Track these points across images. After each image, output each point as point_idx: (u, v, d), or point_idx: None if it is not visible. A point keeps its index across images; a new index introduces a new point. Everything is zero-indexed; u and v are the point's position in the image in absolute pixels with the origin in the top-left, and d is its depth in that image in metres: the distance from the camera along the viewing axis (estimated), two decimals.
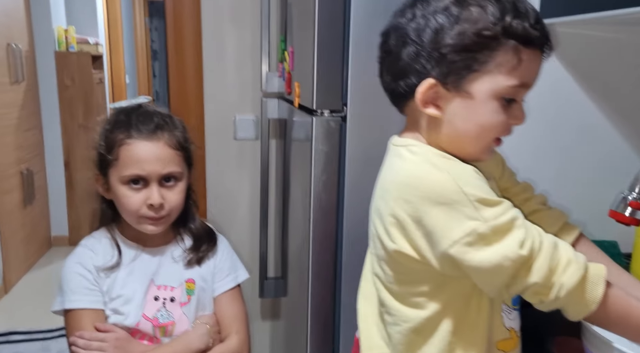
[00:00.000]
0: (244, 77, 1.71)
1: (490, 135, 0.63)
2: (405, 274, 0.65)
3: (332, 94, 1.05)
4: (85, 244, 1.02)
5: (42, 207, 3.48)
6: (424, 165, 0.62)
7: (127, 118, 0.96)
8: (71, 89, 3.50)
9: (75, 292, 0.95)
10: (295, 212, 1.43)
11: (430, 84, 0.62)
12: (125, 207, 0.95)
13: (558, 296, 0.57)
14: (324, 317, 1.14)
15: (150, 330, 0.98)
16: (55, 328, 2.51)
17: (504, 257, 0.56)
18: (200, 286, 1.03)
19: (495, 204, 0.58)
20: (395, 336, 0.68)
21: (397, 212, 0.62)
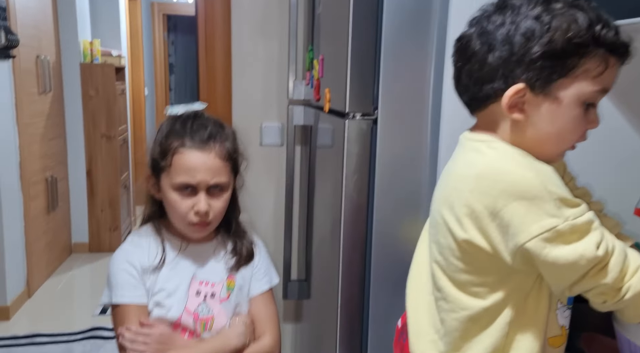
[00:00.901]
0: (271, 86, 1.77)
1: (572, 139, 0.67)
2: (471, 264, 0.67)
3: (363, 97, 1.10)
4: (132, 241, 1.06)
5: (64, 214, 3.55)
6: (506, 161, 0.64)
7: (182, 126, 1.01)
8: (95, 100, 3.60)
9: (122, 288, 0.99)
10: (320, 215, 1.47)
11: (519, 88, 0.64)
12: (175, 212, 1.01)
13: (623, 298, 0.60)
14: (353, 317, 1.17)
15: (191, 324, 1.01)
16: (78, 331, 2.56)
17: (581, 256, 0.59)
18: (239, 284, 1.07)
19: (575, 205, 0.61)
20: (451, 323, 0.70)
21: (472, 203, 0.64)
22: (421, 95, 1.08)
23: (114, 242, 3.73)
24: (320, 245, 1.47)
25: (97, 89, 3.58)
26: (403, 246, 1.13)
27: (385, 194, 1.11)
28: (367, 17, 1.07)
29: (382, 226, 1.12)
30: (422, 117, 1.08)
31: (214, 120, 1.05)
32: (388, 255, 1.13)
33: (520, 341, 0.67)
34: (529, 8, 0.63)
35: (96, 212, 3.72)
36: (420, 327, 0.73)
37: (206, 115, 1.07)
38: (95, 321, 2.67)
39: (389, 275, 1.14)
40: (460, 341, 0.69)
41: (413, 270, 0.79)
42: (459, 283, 0.69)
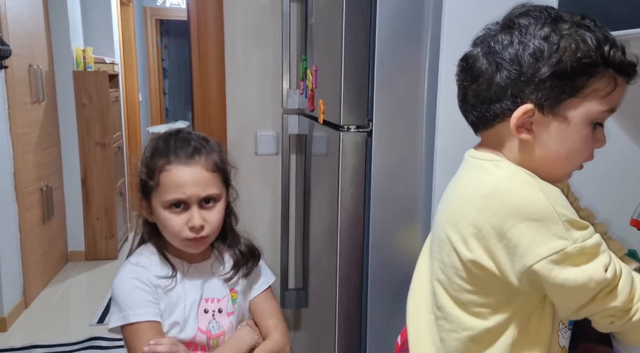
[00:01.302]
0: (265, 95, 1.77)
1: (581, 159, 0.67)
2: (476, 285, 0.67)
3: (358, 110, 1.10)
4: (135, 261, 1.03)
5: (59, 223, 3.54)
6: (514, 181, 0.64)
7: (165, 144, 1.01)
8: (88, 108, 3.58)
9: (138, 306, 0.97)
10: (317, 224, 1.47)
11: (528, 109, 0.63)
12: (168, 230, 0.99)
13: (631, 319, 0.61)
14: (351, 327, 1.18)
15: (205, 342, 1.01)
16: (76, 342, 2.55)
17: (590, 279, 0.59)
18: (240, 295, 1.08)
19: (584, 227, 0.61)
20: (452, 343, 0.70)
21: (479, 222, 0.63)
22: (415, 107, 1.08)
23: (111, 250, 3.72)
24: (317, 255, 1.47)
25: (90, 97, 3.57)
26: (400, 256, 1.14)
27: (381, 205, 1.11)
28: (359, 29, 1.07)
29: (378, 237, 1.12)
30: (417, 129, 1.09)
31: (197, 135, 1.05)
32: (385, 266, 1.14)
33: None
34: (536, 28, 0.63)
35: (92, 220, 3.70)
36: (420, 345, 0.73)
37: (188, 130, 1.07)
38: (93, 331, 2.66)
39: (386, 285, 1.14)
40: None
41: (414, 287, 0.79)
42: (461, 303, 0.69)
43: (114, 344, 2.52)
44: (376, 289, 1.14)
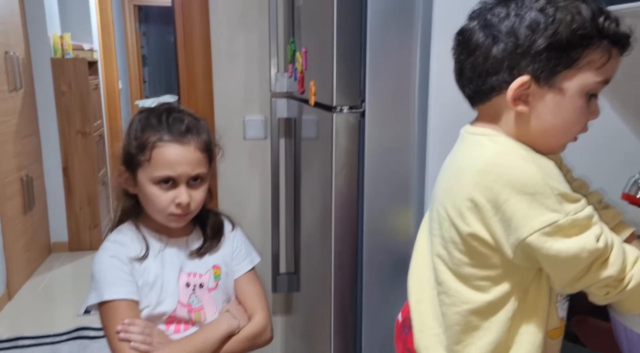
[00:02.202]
0: (252, 79, 1.75)
1: (575, 130, 0.67)
2: (475, 258, 0.68)
3: (350, 90, 1.09)
4: (114, 239, 1.05)
5: (41, 214, 3.48)
6: (508, 155, 0.65)
7: (158, 120, 1.00)
8: (68, 95, 3.51)
9: (113, 284, 0.98)
10: (308, 208, 1.47)
11: (524, 81, 0.64)
12: (154, 205, 1.00)
13: (626, 288, 0.62)
14: (346, 309, 1.18)
15: (186, 315, 1.02)
16: (63, 332, 2.52)
17: (582, 249, 0.60)
18: (224, 271, 1.09)
19: (575, 200, 0.62)
20: (452, 317, 0.70)
21: (475, 196, 0.64)
22: (408, 86, 1.08)
23: (95, 240, 3.67)
24: (309, 238, 1.47)
25: (69, 85, 3.49)
26: (394, 237, 1.14)
27: (375, 187, 1.11)
28: (351, 8, 1.06)
29: (373, 218, 1.13)
30: (410, 108, 1.09)
31: (188, 113, 1.05)
32: (380, 247, 1.14)
33: (523, 335, 0.68)
34: (532, 0, 0.64)
35: (75, 210, 3.64)
36: (424, 321, 0.74)
37: (180, 107, 1.07)
38: (80, 321, 2.64)
39: (381, 266, 1.15)
40: (461, 335, 0.70)
41: (414, 264, 0.80)
42: (462, 277, 0.70)
43: (102, 334, 2.50)
44: (371, 270, 1.15)
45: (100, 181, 3.82)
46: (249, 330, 1.06)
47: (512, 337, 0.68)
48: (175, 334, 1.02)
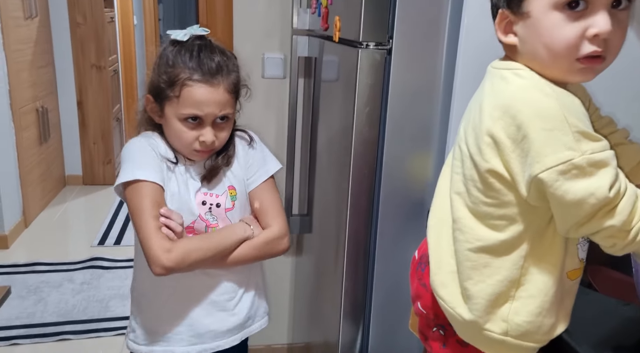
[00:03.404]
0: (273, 14, 1.69)
1: (564, 52, 0.62)
2: (492, 197, 0.67)
3: (378, 26, 1.05)
4: (146, 135, 1.04)
5: (56, 146, 3.51)
6: (530, 90, 0.63)
7: (189, 56, 0.98)
8: (83, 27, 3.45)
9: (147, 167, 0.98)
10: (324, 150, 1.46)
11: (501, 14, 0.65)
12: (180, 140, 1.01)
13: (634, 240, 0.60)
14: (359, 250, 1.19)
15: (204, 229, 1.04)
16: (78, 261, 2.60)
17: (590, 194, 0.58)
18: (239, 190, 1.08)
19: (595, 140, 0.59)
20: (464, 253, 0.70)
21: (495, 132, 0.63)
22: (438, 24, 1.03)
23: (108, 176, 3.71)
24: (324, 180, 1.46)
25: (84, 16, 3.42)
26: (412, 180, 1.13)
27: (396, 128, 1.09)
28: None
29: (392, 160, 1.11)
30: (438, 48, 1.05)
31: (220, 50, 1.03)
32: (397, 190, 1.13)
33: (535, 274, 0.67)
34: None
35: (89, 144, 3.67)
36: (441, 257, 0.74)
37: (212, 42, 1.04)
38: (94, 251, 2.71)
39: (396, 209, 1.14)
40: (471, 271, 0.70)
41: (436, 202, 0.79)
42: (478, 215, 0.69)
43: (115, 265, 2.58)
44: (386, 213, 1.15)
45: (114, 117, 3.82)
46: (265, 236, 1.06)
47: (524, 275, 0.68)
48: None
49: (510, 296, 0.68)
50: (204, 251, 0.99)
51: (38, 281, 2.41)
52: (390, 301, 1.19)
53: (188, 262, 0.97)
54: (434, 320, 0.78)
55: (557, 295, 0.68)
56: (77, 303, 2.25)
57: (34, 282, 2.39)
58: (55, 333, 2.03)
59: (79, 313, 2.17)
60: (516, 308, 0.68)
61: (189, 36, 1.01)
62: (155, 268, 0.95)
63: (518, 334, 0.69)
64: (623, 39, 0.63)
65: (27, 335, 2.01)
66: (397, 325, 1.18)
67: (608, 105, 0.86)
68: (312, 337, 1.61)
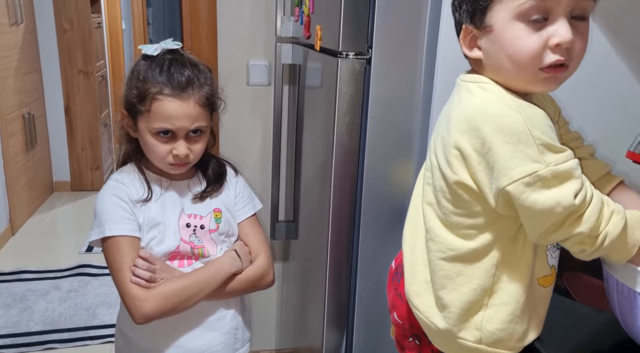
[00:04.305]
0: (257, 22, 1.69)
1: (528, 63, 0.63)
2: (462, 207, 0.68)
3: (357, 36, 1.06)
4: (117, 178, 1.06)
5: (43, 152, 3.49)
6: (495, 103, 0.64)
7: (159, 70, 0.99)
8: (70, 33, 3.44)
9: (115, 221, 1.00)
10: (310, 156, 1.46)
11: (465, 29, 0.67)
12: (153, 154, 1.02)
13: (602, 245, 0.61)
14: (342, 257, 1.20)
15: (190, 251, 1.05)
16: (65, 268, 2.59)
17: (557, 203, 0.59)
18: (225, 215, 1.10)
19: (559, 151, 0.61)
20: (437, 263, 0.71)
21: (461, 144, 0.64)
22: (417, 34, 1.05)
23: (97, 181, 3.70)
24: (309, 187, 1.47)
25: (71, 22, 3.41)
26: (393, 188, 1.14)
27: (377, 136, 1.10)
28: None
29: (373, 168, 1.12)
30: (417, 57, 1.06)
31: (191, 63, 1.03)
32: (378, 197, 1.14)
33: (506, 282, 0.69)
34: None
35: (77, 150, 3.65)
36: (416, 267, 0.75)
37: (184, 56, 1.04)
38: (82, 258, 2.70)
39: (378, 216, 1.15)
40: (445, 280, 0.71)
41: (410, 212, 0.80)
42: (449, 225, 0.70)
43: (103, 272, 2.57)
44: (368, 220, 1.15)
45: (102, 123, 3.81)
46: (251, 272, 1.09)
47: (496, 283, 0.69)
48: (180, 268, 1.05)
49: (484, 304, 0.70)
50: (187, 293, 1.00)
51: (24, 289, 2.39)
52: (374, 308, 1.20)
53: (170, 307, 0.98)
54: (409, 330, 0.79)
55: (528, 302, 0.69)
56: (63, 311, 2.24)
57: (19, 291, 2.38)
58: (42, 343, 2.02)
59: (66, 322, 2.16)
60: (489, 316, 0.69)
61: (160, 50, 1.01)
62: (135, 319, 0.97)
63: (491, 342, 0.70)
64: (584, 47, 0.65)
65: (13, 345, 2.00)
66: (381, 332, 1.19)
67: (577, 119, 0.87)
68: (298, 343, 1.61)
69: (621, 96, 1.01)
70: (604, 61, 1.02)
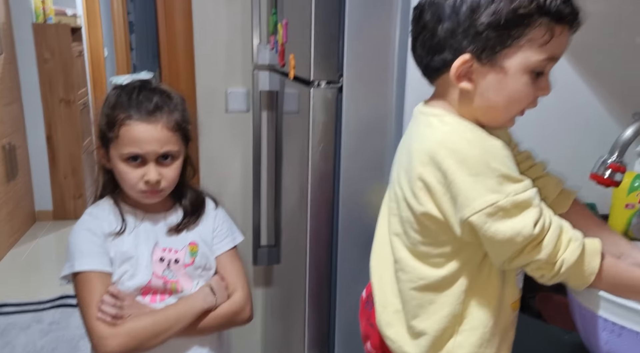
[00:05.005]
0: (235, 50, 1.72)
1: (519, 107, 0.67)
2: (429, 236, 0.69)
3: (328, 65, 1.08)
4: (91, 212, 1.06)
5: (25, 182, 3.46)
6: (455, 136, 0.66)
7: (128, 97, 1.00)
8: (51, 62, 3.44)
9: (86, 256, 0.99)
10: (289, 181, 1.48)
11: (466, 59, 0.65)
12: (125, 181, 1.01)
13: (559, 271, 0.63)
14: (321, 281, 1.20)
15: (162, 286, 1.03)
16: (47, 300, 2.54)
17: (517, 233, 0.61)
18: (202, 248, 1.09)
19: (517, 181, 0.63)
20: (408, 293, 0.72)
21: (426, 177, 0.66)
22: (386, 62, 1.07)
23: (79, 210, 3.66)
24: (290, 211, 1.48)
25: (52, 51, 3.42)
26: (369, 212, 1.15)
27: (351, 162, 1.12)
28: None
29: (348, 193, 1.13)
30: (387, 84, 1.08)
31: (161, 90, 1.04)
32: (355, 221, 1.15)
33: (476, 307, 0.70)
34: None
35: (59, 179, 3.62)
36: (386, 298, 0.76)
37: (154, 84, 1.06)
38: (64, 289, 2.65)
39: (356, 240, 1.16)
40: (418, 310, 0.71)
41: (376, 243, 0.81)
42: (418, 255, 0.71)
43: None
44: (346, 245, 1.16)
45: (85, 150, 3.79)
46: (227, 307, 1.07)
47: (466, 309, 0.70)
48: (152, 304, 1.03)
49: (455, 330, 0.70)
50: (154, 330, 0.98)
51: (5, 323, 2.34)
52: (354, 333, 1.19)
53: (135, 345, 0.97)
54: None
55: (499, 326, 0.70)
56: (45, 344, 2.19)
57: (0, 325, 2.33)
58: None
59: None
60: (460, 342, 0.70)
61: (131, 80, 1.03)
62: None
63: None
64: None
65: None
66: None
67: (549, 151, 0.90)
68: None
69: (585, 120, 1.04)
70: (568, 86, 1.05)
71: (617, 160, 0.81)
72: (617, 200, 0.99)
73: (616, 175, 0.82)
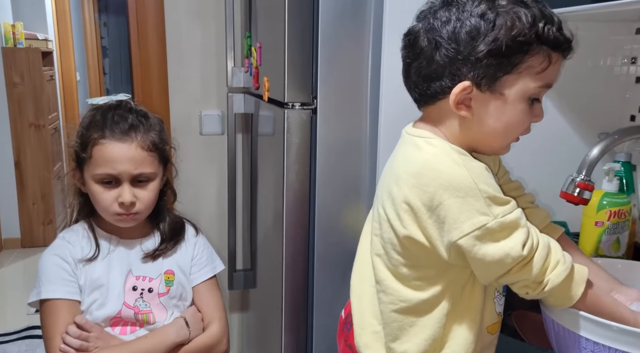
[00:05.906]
0: (209, 73, 1.72)
1: (516, 133, 0.69)
2: (411, 259, 0.69)
3: (302, 87, 1.09)
4: (63, 237, 1.02)
5: None
6: (442, 158, 0.65)
7: (102, 117, 0.98)
8: (20, 87, 3.38)
9: (53, 283, 0.96)
10: (264, 204, 1.46)
11: (465, 86, 0.64)
12: (99, 203, 0.98)
13: (544, 291, 0.64)
14: (298, 305, 1.18)
15: (133, 317, 1.00)
16: (13, 331, 2.44)
17: (506, 255, 0.62)
18: (179, 277, 1.05)
19: (504, 203, 0.63)
20: (389, 315, 0.71)
21: (411, 199, 0.65)
22: (359, 84, 1.08)
23: (49, 237, 3.55)
24: (265, 234, 1.46)
25: (22, 76, 3.36)
26: (345, 234, 1.15)
27: (326, 183, 1.12)
28: (303, 4, 1.06)
29: (324, 214, 1.13)
30: (361, 105, 1.09)
31: (137, 111, 1.02)
32: (330, 244, 1.14)
33: (457, 331, 0.69)
34: (474, 5, 0.64)
35: (27, 205, 3.52)
36: (364, 318, 0.75)
37: (129, 105, 1.04)
38: (31, 320, 2.55)
39: (332, 263, 1.15)
40: (398, 332, 0.71)
41: (357, 262, 0.80)
42: (399, 277, 0.71)
43: None
44: (323, 266, 1.15)
45: (56, 175, 3.70)
46: (202, 340, 1.03)
47: (447, 333, 0.70)
48: (122, 336, 0.99)
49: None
50: None
51: None
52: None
53: None
54: None
55: (477, 349, 0.70)
56: None
57: None
58: None
59: None
60: None
61: (108, 100, 1.01)
62: None
63: None
64: None
65: None
66: None
67: (520, 170, 0.92)
68: None
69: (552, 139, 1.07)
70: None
71: (586, 179, 0.82)
72: (587, 218, 1.01)
73: (585, 193, 0.83)
